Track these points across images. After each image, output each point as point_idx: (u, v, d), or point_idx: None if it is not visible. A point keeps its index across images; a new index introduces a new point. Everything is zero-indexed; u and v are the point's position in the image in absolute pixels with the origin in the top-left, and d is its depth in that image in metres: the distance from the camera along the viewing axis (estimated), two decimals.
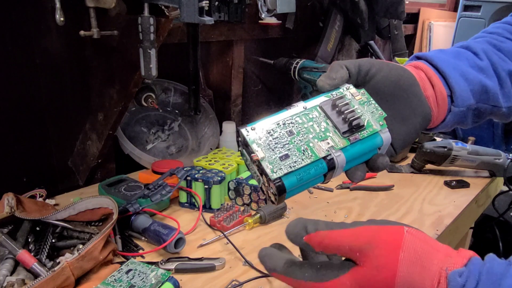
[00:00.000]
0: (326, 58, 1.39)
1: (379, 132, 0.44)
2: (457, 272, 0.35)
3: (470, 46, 0.55)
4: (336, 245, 0.38)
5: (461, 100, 0.50)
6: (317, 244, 0.39)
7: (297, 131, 0.43)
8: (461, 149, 1.02)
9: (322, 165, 0.41)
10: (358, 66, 0.47)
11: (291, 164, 0.41)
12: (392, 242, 0.36)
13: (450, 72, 0.50)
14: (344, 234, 0.38)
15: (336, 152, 0.42)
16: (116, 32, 0.76)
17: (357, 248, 0.37)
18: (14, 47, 0.78)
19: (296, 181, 0.41)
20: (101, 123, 0.87)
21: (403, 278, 0.35)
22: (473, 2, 2.07)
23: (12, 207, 0.64)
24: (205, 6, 0.65)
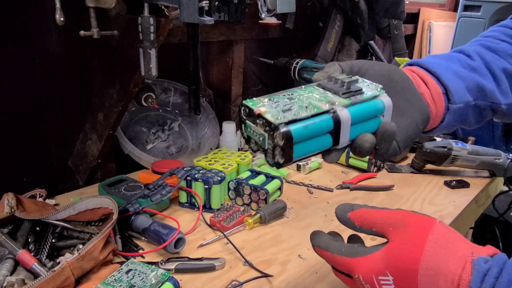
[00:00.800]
0: (326, 58, 1.39)
1: (378, 96, 0.44)
2: (482, 259, 0.37)
3: (462, 49, 0.56)
4: (373, 219, 0.43)
5: (457, 96, 0.51)
6: (357, 218, 0.45)
7: (298, 98, 0.43)
8: (461, 149, 1.02)
9: (327, 118, 0.41)
10: (350, 65, 0.50)
11: (295, 113, 0.40)
12: (423, 225, 0.40)
13: (442, 72, 0.51)
14: (381, 212, 0.44)
15: (339, 107, 0.42)
16: (116, 32, 0.76)
17: (390, 223, 0.42)
18: (14, 47, 0.78)
19: (303, 129, 0.39)
20: (101, 123, 0.87)
21: (429, 258, 0.37)
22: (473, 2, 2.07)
23: (12, 207, 0.64)
24: (205, 6, 0.65)
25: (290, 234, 0.77)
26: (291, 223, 0.81)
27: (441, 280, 0.37)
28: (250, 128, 0.43)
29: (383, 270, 0.40)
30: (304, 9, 1.33)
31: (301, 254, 0.70)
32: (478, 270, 0.35)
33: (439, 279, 0.37)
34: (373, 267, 0.41)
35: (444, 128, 0.54)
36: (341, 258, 0.44)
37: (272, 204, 0.82)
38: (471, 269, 0.36)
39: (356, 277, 0.42)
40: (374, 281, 0.40)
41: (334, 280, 0.64)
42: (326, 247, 0.46)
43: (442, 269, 0.37)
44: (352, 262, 0.42)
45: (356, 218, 0.45)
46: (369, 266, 0.41)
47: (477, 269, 0.36)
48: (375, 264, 0.41)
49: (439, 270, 0.37)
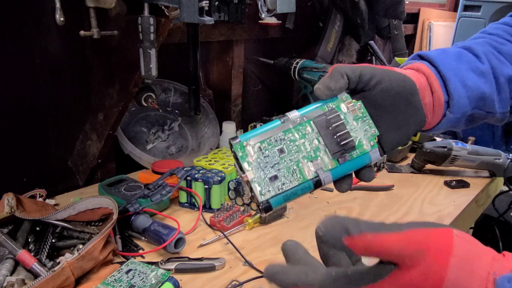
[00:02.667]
0: (326, 58, 1.39)
1: (369, 152, 0.45)
2: (506, 278, 0.33)
3: (471, 48, 0.54)
4: (385, 250, 0.34)
5: (457, 107, 0.50)
6: (362, 248, 0.34)
7: (288, 149, 0.44)
8: (461, 149, 1.02)
9: (309, 185, 0.43)
10: (359, 74, 0.46)
11: (279, 186, 0.42)
12: (443, 248, 0.34)
13: (451, 78, 0.50)
14: (394, 239, 0.34)
15: (324, 174, 0.43)
16: (116, 32, 0.76)
17: (408, 254, 0.34)
18: (14, 47, 0.78)
19: (283, 200, 0.43)
20: (101, 123, 0.86)
21: (451, 282, 0.33)
22: (473, 2, 2.07)
23: (12, 207, 0.64)
24: (205, 6, 0.65)
25: (290, 234, 0.77)
26: (291, 223, 0.81)
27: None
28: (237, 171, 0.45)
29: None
30: (304, 9, 1.32)
31: None
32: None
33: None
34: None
35: (434, 131, 0.53)
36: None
37: None
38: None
39: None
40: None
41: None
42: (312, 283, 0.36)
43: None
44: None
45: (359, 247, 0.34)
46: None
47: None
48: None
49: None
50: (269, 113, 1.38)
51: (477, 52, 0.53)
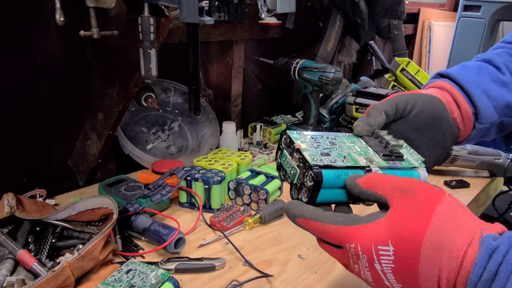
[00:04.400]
0: (326, 58, 1.39)
1: (417, 168, 0.45)
2: (491, 236, 0.34)
3: (491, 59, 0.56)
4: (382, 183, 0.40)
5: (485, 117, 0.53)
6: (365, 181, 0.41)
7: (339, 145, 0.45)
8: (461, 149, 1.02)
9: (360, 173, 0.42)
10: (395, 108, 0.50)
11: (332, 160, 0.42)
12: (432, 195, 0.37)
13: (474, 91, 0.52)
14: (391, 176, 0.41)
15: (375, 167, 0.43)
16: (116, 32, 0.76)
17: (400, 188, 0.39)
18: (14, 47, 0.78)
19: (334, 177, 0.41)
20: (101, 123, 0.86)
21: (435, 229, 0.35)
22: (473, 2, 2.06)
23: (12, 207, 0.64)
24: (205, 6, 0.65)
25: (290, 234, 0.77)
26: (291, 223, 0.81)
27: (444, 256, 0.35)
28: (286, 158, 0.45)
29: (384, 239, 0.37)
30: (304, 9, 1.33)
31: (301, 254, 0.70)
32: (487, 247, 0.34)
33: (442, 254, 0.35)
34: (373, 235, 0.37)
35: (467, 142, 0.56)
36: (336, 228, 0.39)
37: (272, 204, 0.82)
38: (479, 246, 0.34)
39: (352, 247, 0.38)
40: (373, 251, 0.37)
41: (334, 280, 0.64)
42: (315, 217, 0.41)
43: (447, 244, 0.35)
44: (350, 231, 0.39)
45: (364, 181, 0.41)
46: (370, 234, 0.37)
47: (486, 246, 0.34)
48: (376, 232, 0.37)
49: (444, 244, 0.35)
50: (269, 113, 1.39)
51: (497, 63, 0.56)
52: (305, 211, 0.42)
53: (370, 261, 0.37)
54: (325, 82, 1.08)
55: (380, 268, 0.37)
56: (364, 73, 1.81)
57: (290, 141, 0.44)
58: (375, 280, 0.39)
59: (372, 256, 0.37)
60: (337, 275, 0.65)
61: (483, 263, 0.33)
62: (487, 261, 0.33)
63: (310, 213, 0.41)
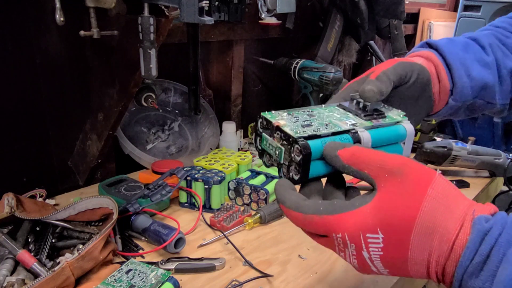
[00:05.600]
0: (326, 58, 1.39)
1: (400, 122, 0.44)
2: (483, 217, 0.34)
3: (478, 38, 0.56)
4: (367, 160, 0.37)
5: (460, 96, 0.52)
6: (347, 155, 0.37)
7: (318, 115, 0.43)
8: (461, 149, 1.02)
9: (347, 138, 0.40)
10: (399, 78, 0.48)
11: (315, 129, 0.39)
12: (423, 177, 0.35)
13: (457, 67, 0.52)
14: (377, 153, 0.37)
15: (360, 129, 0.41)
16: (116, 32, 0.76)
17: (388, 168, 0.35)
18: (14, 47, 0.78)
19: (321, 145, 0.39)
20: (101, 123, 0.86)
21: (426, 214, 0.33)
22: (473, 2, 2.07)
23: (12, 207, 0.64)
24: (205, 6, 0.65)
25: (290, 234, 0.77)
26: (291, 223, 0.81)
27: (435, 240, 0.33)
28: (266, 141, 0.42)
29: (372, 226, 0.34)
30: (304, 9, 1.32)
31: (301, 254, 0.70)
32: (479, 230, 0.32)
33: (433, 238, 0.33)
34: (361, 222, 0.35)
35: (434, 117, 0.56)
36: (320, 219, 0.36)
37: (272, 204, 0.82)
38: (470, 228, 0.33)
39: (339, 236, 0.36)
40: (361, 240, 0.35)
41: (334, 280, 0.64)
42: (296, 207, 0.38)
43: (439, 228, 0.33)
44: (335, 220, 0.36)
45: (346, 155, 0.37)
46: (357, 222, 0.35)
47: (478, 228, 0.33)
48: (363, 219, 0.35)
49: (435, 228, 0.33)
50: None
51: (483, 43, 0.55)
52: (286, 199, 0.38)
53: (358, 249, 0.36)
54: (325, 82, 1.08)
55: (368, 256, 0.35)
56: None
57: (267, 122, 0.42)
58: (361, 265, 0.37)
59: (360, 245, 0.35)
60: (337, 275, 0.65)
61: (475, 246, 0.32)
62: (479, 244, 0.32)
63: (291, 201, 0.38)
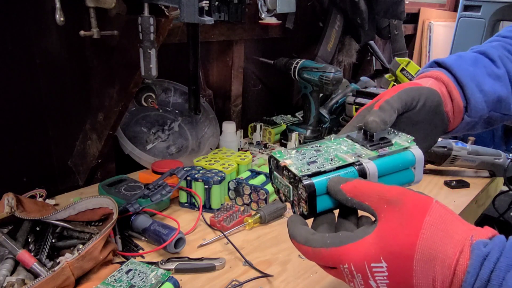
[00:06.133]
0: (326, 58, 1.39)
1: (409, 148, 0.45)
2: (482, 242, 0.34)
3: (487, 52, 0.56)
4: (368, 192, 0.39)
5: (475, 111, 0.53)
6: (350, 188, 0.40)
7: (325, 150, 0.45)
8: (461, 149, 1.02)
9: (352, 171, 0.41)
10: (404, 104, 0.49)
11: (319, 165, 0.41)
12: (420, 204, 0.36)
13: (468, 83, 0.52)
14: (377, 185, 0.40)
15: (365, 160, 0.42)
16: (116, 32, 0.76)
17: (386, 199, 0.38)
18: (14, 47, 0.78)
19: (325, 181, 0.40)
20: (101, 123, 0.86)
21: (426, 241, 0.35)
22: (473, 2, 2.06)
23: (12, 207, 0.64)
24: (205, 6, 0.65)
25: None
26: None
27: (437, 265, 0.34)
28: (277, 179, 0.45)
29: (376, 256, 0.36)
30: (304, 9, 1.33)
31: (301, 254, 0.70)
32: (478, 255, 0.33)
33: (435, 264, 0.34)
34: (364, 253, 0.36)
35: (453, 134, 0.56)
36: (327, 251, 0.38)
37: (272, 204, 0.82)
38: (470, 253, 0.34)
39: (346, 267, 0.38)
40: (366, 269, 0.36)
41: (334, 280, 0.64)
42: (305, 241, 0.40)
43: (439, 253, 0.34)
44: (341, 252, 0.38)
45: (348, 188, 0.40)
46: (360, 252, 0.37)
47: (477, 253, 0.33)
48: (367, 249, 0.36)
49: (436, 254, 0.34)
50: (269, 113, 1.39)
51: (493, 56, 0.55)
52: (296, 234, 0.41)
53: (365, 279, 0.37)
54: (325, 82, 1.08)
55: (376, 285, 0.37)
56: (364, 73, 1.81)
57: (277, 162, 0.44)
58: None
59: (366, 274, 0.37)
60: None
61: (475, 271, 0.33)
62: (479, 269, 0.33)
63: (301, 236, 0.40)
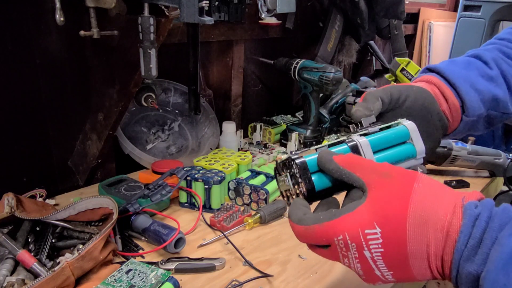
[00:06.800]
0: (326, 58, 1.39)
1: (399, 123, 0.47)
2: (473, 203, 0.36)
3: (480, 55, 0.57)
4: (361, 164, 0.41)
5: (471, 110, 0.54)
6: (342, 159, 0.41)
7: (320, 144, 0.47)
8: (461, 149, 1.02)
9: (344, 147, 0.43)
10: (389, 96, 0.51)
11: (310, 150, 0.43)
12: (408, 175, 0.39)
13: (461, 84, 0.53)
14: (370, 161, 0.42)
15: (356, 136, 0.44)
16: (116, 32, 0.76)
17: (378, 172, 0.40)
18: (14, 47, 0.78)
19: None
20: (101, 123, 0.86)
21: (417, 205, 0.36)
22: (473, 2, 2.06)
23: (12, 207, 0.64)
24: (205, 6, 0.65)
25: (290, 234, 0.76)
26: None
27: (430, 228, 0.35)
28: (280, 180, 0.46)
29: (370, 222, 0.37)
30: (304, 9, 1.32)
31: (301, 254, 0.70)
32: (470, 215, 0.34)
33: (428, 227, 0.35)
34: (359, 221, 0.37)
35: (454, 135, 0.57)
36: (320, 226, 0.39)
37: (272, 204, 0.82)
38: (462, 214, 0.35)
39: (340, 238, 0.38)
40: (361, 237, 0.37)
41: (334, 280, 0.64)
42: (298, 220, 0.40)
43: (431, 216, 0.35)
44: (335, 224, 0.38)
45: (341, 159, 0.41)
46: (355, 221, 0.37)
47: (469, 213, 0.35)
48: (361, 217, 0.37)
49: (428, 217, 0.35)
50: (269, 113, 1.39)
51: (486, 58, 0.57)
52: (292, 213, 0.41)
53: (359, 249, 0.37)
54: (325, 82, 1.08)
55: (370, 256, 0.37)
56: (364, 73, 1.81)
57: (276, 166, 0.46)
58: (365, 270, 0.38)
59: (361, 243, 0.37)
60: (337, 275, 0.65)
61: (468, 230, 0.34)
62: (472, 228, 0.34)
63: (296, 216, 0.41)
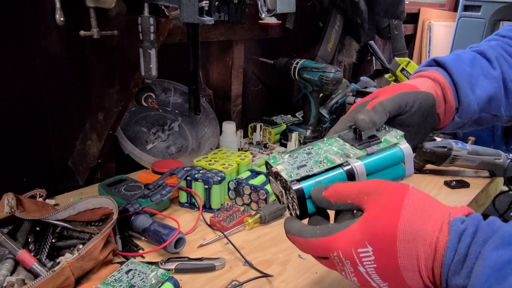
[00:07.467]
0: (326, 58, 1.39)
1: (397, 144, 0.46)
2: (459, 219, 0.36)
3: (484, 51, 0.57)
4: (347, 192, 0.41)
5: (465, 114, 0.54)
6: (331, 194, 0.42)
7: (316, 152, 0.46)
8: (461, 149, 1.02)
9: (340, 172, 0.43)
10: (397, 109, 0.50)
11: (308, 169, 0.43)
12: (397, 190, 0.39)
13: (463, 85, 0.53)
14: (355, 183, 0.42)
15: (353, 160, 0.44)
16: (116, 32, 0.76)
17: (365, 192, 0.40)
18: (14, 47, 0.78)
19: (314, 185, 0.43)
20: (101, 123, 0.86)
21: (406, 222, 0.36)
22: (473, 2, 2.07)
23: (12, 207, 0.64)
24: (205, 6, 0.65)
25: None
26: None
27: (419, 244, 0.36)
28: (273, 184, 0.47)
29: (361, 241, 0.38)
30: (304, 9, 1.32)
31: (301, 254, 0.70)
32: (455, 231, 0.35)
33: (417, 243, 0.36)
34: (351, 240, 0.38)
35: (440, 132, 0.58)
36: (317, 241, 0.41)
37: (272, 204, 0.82)
38: (448, 230, 0.36)
39: (335, 255, 0.39)
40: (354, 255, 0.38)
41: (334, 280, 0.64)
42: (298, 233, 0.42)
43: (420, 232, 0.36)
44: (330, 241, 0.40)
45: (330, 194, 0.42)
46: (347, 239, 0.39)
47: (454, 230, 0.35)
48: (352, 236, 0.38)
49: (417, 233, 0.36)
50: (269, 113, 1.39)
51: (490, 56, 0.56)
52: (291, 227, 0.43)
53: (354, 265, 0.39)
54: (325, 82, 1.08)
55: (365, 271, 0.38)
56: (364, 73, 1.81)
57: (270, 167, 0.46)
58: (362, 283, 0.40)
59: (354, 260, 0.38)
60: (337, 275, 0.65)
61: (454, 246, 0.35)
62: (457, 244, 0.35)
63: (295, 229, 0.43)
